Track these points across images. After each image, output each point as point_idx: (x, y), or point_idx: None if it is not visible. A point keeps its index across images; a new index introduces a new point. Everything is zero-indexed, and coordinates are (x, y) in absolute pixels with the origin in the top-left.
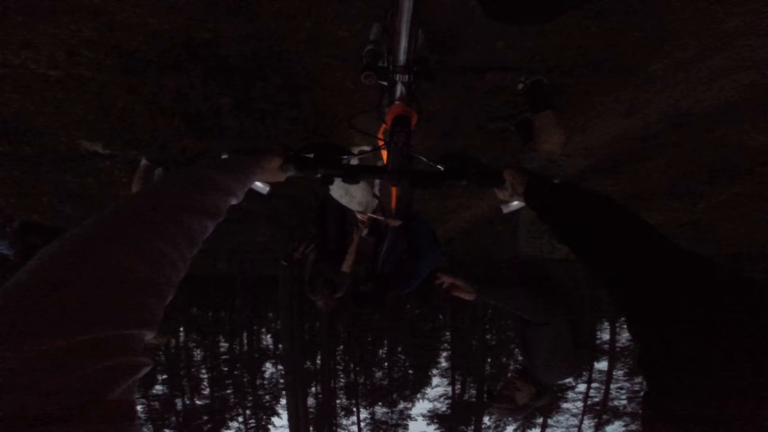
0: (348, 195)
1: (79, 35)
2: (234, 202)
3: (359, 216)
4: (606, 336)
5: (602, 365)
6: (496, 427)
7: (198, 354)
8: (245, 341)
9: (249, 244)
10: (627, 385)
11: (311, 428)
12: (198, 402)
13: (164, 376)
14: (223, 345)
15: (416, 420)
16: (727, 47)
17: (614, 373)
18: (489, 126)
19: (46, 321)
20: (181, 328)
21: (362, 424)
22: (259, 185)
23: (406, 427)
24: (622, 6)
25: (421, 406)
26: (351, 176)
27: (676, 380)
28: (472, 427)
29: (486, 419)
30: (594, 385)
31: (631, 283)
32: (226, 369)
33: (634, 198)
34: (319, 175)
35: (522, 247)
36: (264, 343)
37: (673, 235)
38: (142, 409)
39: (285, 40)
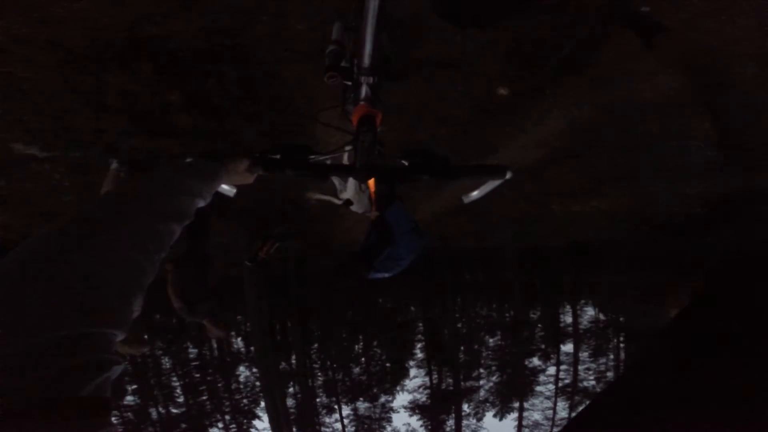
0: (358, 200)
1: (8, 32)
2: (201, 204)
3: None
4: (569, 319)
5: (568, 347)
6: (476, 413)
7: (166, 361)
8: (215, 346)
9: (210, 246)
10: (593, 365)
11: (294, 429)
12: (174, 410)
13: (134, 386)
14: (192, 351)
15: (398, 412)
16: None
17: (580, 354)
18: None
19: (10, 319)
20: (145, 336)
21: (346, 421)
22: (226, 188)
23: (390, 419)
24: (573, 2)
25: (402, 398)
26: (319, 175)
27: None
28: (453, 414)
29: (465, 406)
30: (563, 367)
31: None
32: (198, 375)
33: (586, 185)
34: (290, 174)
35: None
36: (235, 346)
37: (620, 220)
38: (117, 421)
39: (240, 33)
